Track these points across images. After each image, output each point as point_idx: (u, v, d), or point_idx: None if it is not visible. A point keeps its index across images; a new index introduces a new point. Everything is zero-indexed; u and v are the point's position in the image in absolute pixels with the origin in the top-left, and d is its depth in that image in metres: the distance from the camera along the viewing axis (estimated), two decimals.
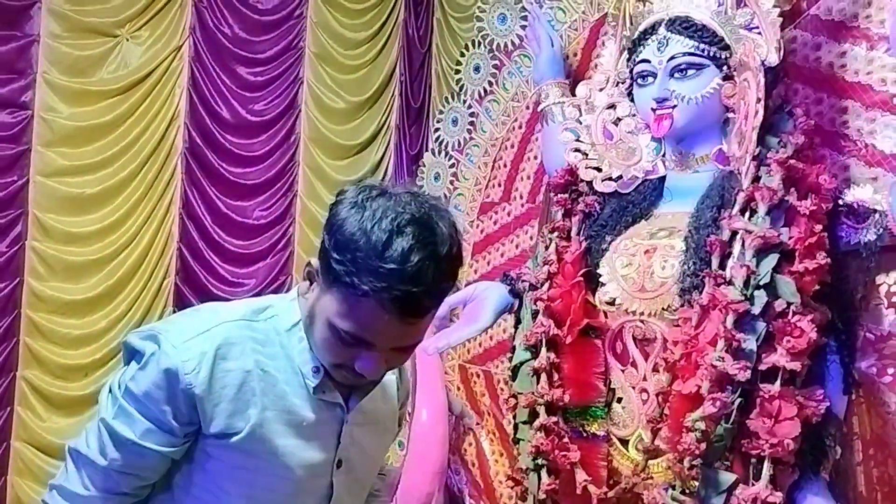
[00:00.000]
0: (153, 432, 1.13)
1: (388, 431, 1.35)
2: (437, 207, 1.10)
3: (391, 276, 1.02)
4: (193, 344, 1.12)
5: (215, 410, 1.13)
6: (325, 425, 1.20)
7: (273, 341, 1.17)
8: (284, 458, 1.17)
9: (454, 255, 1.08)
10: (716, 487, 1.62)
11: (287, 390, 1.17)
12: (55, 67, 3.27)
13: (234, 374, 1.14)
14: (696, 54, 1.85)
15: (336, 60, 3.72)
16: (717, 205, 1.79)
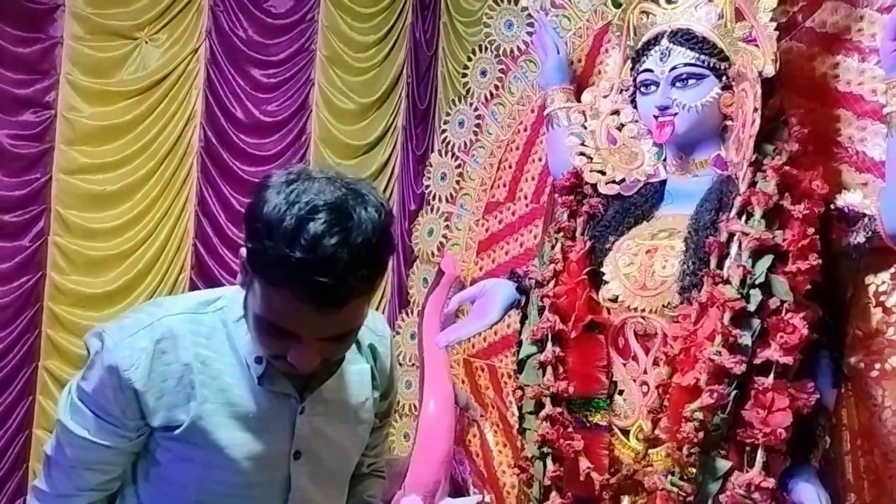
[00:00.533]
0: (106, 428, 1.11)
1: (362, 422, 1.26)
2: (358, 191, 1.00)
3: (301, 265, 0.94)
4: (134, 340, 1.09)
5: (157, 404, 1.10)
6: (276, 417, 1.15)
7: (219, 333, 1.13)
8: (229, 450, 1.12)
9: (373, 242, 0.97)
10: (713, 474, 1.65)
11: (231, 382, 1.12)
12: (77, 68, 3.27)
13: (173, 368, 1.10)
14: (696, 65, 1.86)
15: (346, 63, 3.71)
16: (715, 208, 1.81)
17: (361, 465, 1.39)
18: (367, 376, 1.26)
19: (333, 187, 0.98)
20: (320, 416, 1.18)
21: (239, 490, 1.14)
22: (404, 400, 3.32)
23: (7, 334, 3.16)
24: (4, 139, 3.16)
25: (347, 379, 1.22)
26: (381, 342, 1.29)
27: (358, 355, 1.25)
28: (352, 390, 1.23)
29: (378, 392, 1.29)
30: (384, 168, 3.80)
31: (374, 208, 0.99)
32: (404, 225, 3.67)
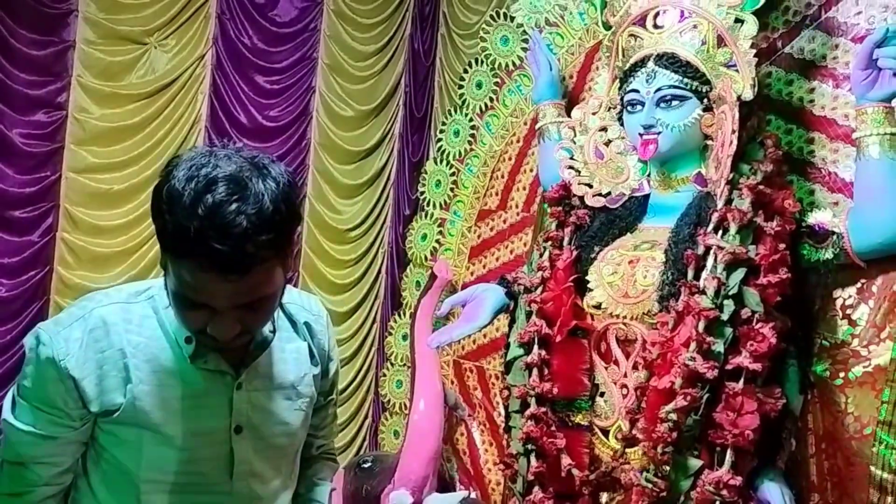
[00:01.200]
0: (49, 420, 1.13)
1: (302, 396, 1.26)
2: (258, 164, 1.02)
3: (200, 235, 0.95)
4: (68, 331, 1.12)
5: (94, 390, 1.11)
6: (213, 394, 1.16)
7: (150, 320, 1.14)
8: (167, 427, 1.13)
9: (270, 209, 0.98)
10: (685, 472, 1.68)
11: (165, 365, 1.14)
12: (89, 71, 3.29)
13: (107, 354, 1.12)
14: (680, 87, 1.90)
15: (346, 71, 3.73)
16: (694, 222, 1.85)
17: (311, 447, 1.41)
18: (305, 353, 1.28)
19: (232, 161, 1.00)
20: (259, 392, 1.20)
21: (183, 466, 1.15)
22: (395, 399, 3.35)
23: (14, 326, 3.17)
24: (17, 138, 3.18)
25: (284, 356, 1.24)
26: (317, 321, 1.32)
27: (293, 333, 1.27)
28: (289, 366, 1.24)
29: (317, 368, 1.30)
30: (381, 173, 3.83)
31: (272, 179, 1.01)
32: (399, 229, 3.69)
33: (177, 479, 1.16)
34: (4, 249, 3.20)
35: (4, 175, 3.18)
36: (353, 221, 3.79)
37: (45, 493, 1.19)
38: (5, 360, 3.17)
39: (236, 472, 1.19)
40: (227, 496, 1.19)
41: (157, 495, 1.16)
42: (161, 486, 1.16)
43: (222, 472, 1.19)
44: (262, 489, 1.23)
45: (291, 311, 1.29)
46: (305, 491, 1.41)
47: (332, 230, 3.76)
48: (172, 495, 1.17)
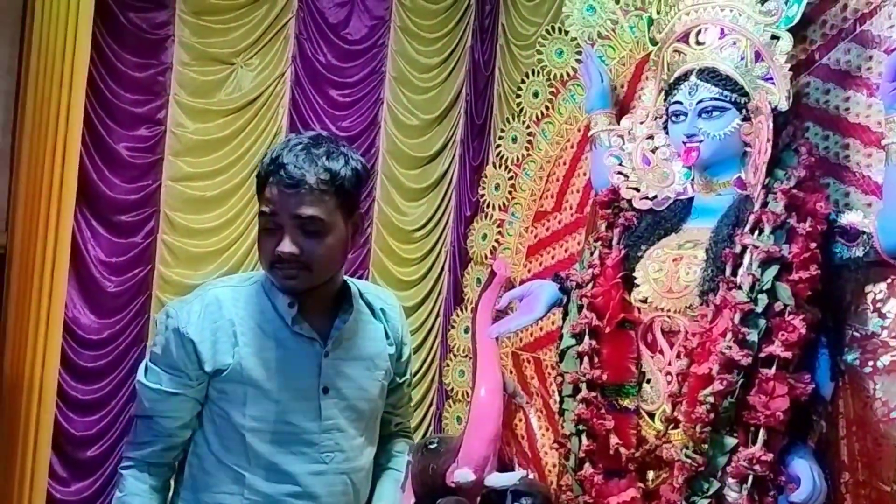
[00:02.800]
0: (174, 380, 1.31)
1: (379, 368, 1.41)
2: (334, 140, 1.30)
3: (274, 157, 1.26)
4: (189, 306, 1.32)
5: (209, 352, 1.29)
6: (305, 358, 1.32)
7: (260, 297, 1.33)
8: (266, 383, 1.30)
9: (333, 155, 1.26)
10: (721, 449, 1.75)
11: (267, 332, 1.31)
12: (184, 90, 3.40)
13: (219, 324, 1.30)
14: (720, 99, 1.96)
15: (411, 83, 3.77)
16: (733, 223, 1.91)
17: (389, 423, 1.55)
18: (382, 333, 1.45)
19: (318, 134, 1.31)
20: (343, 361, 1.36)
21: (280, 417, 1.31)
22: (458, 387, 3.38)
23: (121, 318, 3.34)
24: (123, 150, 3.34)
25: (365, 333, 1.41)
26: (392, 309, 1.49)
27: (372, 317, 1.44)
28: (368, 342, 1.41)
29: (392, 349, 1.46)
30: (443, 178, 3.86)
31: (345, 147, 1.30)
32: (460, 229, 3.71)
33: (275, 429, 1.31)
34: (112, 250, 3.35)
35: (112, 184, 3.33)
36: (418, 223, 3.83)
37: (169, 443, 1.36)
38: (114, 348, 3.34)
39: (323, 425, 1.34)
40: (316, 446, 1.34)
41: (260, 443, 1.31)
42: (262, 435, 1.31)
43: (312, 425, 1.34)
44: (346, 443, 1.37)
45: (369, 299, 1.46)
46: (385, 461, 1.53)
47: (398, 231, 3.81)
48: (272, 444, 1.32)
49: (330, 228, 1.29)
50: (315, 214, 1.26)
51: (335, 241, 1.30)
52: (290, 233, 1.27)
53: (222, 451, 1.34)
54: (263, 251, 1.30)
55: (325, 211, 1.28)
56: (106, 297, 3.34)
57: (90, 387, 3.30)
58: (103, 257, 3.34)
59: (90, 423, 3.29)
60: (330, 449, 1.36)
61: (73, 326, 3.24)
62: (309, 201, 1.26)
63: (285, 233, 1.26)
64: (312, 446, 1.34)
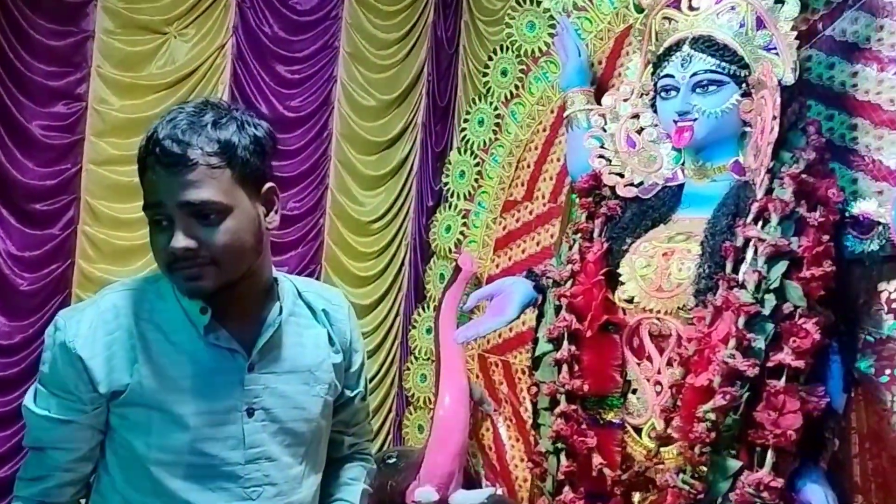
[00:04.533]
0: (64, 405, 1.18)
1: (320, 382, 1.29)
2: (225, 105, 1.17)
3: (155, 136, 1.11)
4: (80, 315, 1.18)
5: (101, 370, 1.16)
6: (223, 374, 1.19)
7: (164, 301, 1.19)
8: (175, 407, 1.17)
9: (217, 120, 1.12)
10: (723, 473, 1.67)
11: (176, 344, 1.18)
12: (108, 62, 3.28)
13: (115, 336, 1.17)
14: (717, 72, 1.88)
15: (368, 60, 3.71)
16: (732, 213, 1.83)
17: (342, 444, 1.42)
18: (324, 339, 1.31)
19: (203, 101, 1.17)
20: (273, 374, 1.23)
21: (193, 447, 1.18)
22: (419, 393, 3.37)
23: (36, 320, 3.18)
24: (37, 129, 3.18)
25: (302, 340, 1.28)
26: (337, 310, 1.35)
27: (313, 320, 1.31)
28: (307, 350, 1.28)
29: (339, 357, 1.33)
30: (403, 164, 3.81)
31: (239, 111, 1.16)
32: (422, 221, 3.68)
33: (188, 461, 1.18)
34: (26, 243, 3.20)
35: (25, 168, 3.17)
36: (375, 213, 3.77)
37: (64, 479, 1.23)
38: (28, 353, 3.17)
39: (248, 454, 1.21)
40: (240, 479, 1.20)
41: (170, 478, 1.18)
42: (172, 469, 1.18)
43: (234, 455, 1.20)
44: (278, 474, 1.23)
45: (309, 299, 1.32)
46: (334, 490, 1.41)
47: (354, 222, 3.74)
48: (185, 480, 1.18)
49: (229, 210, 1.14)
50: (207, 199, 1.11)
51: (240, 224, 1.15)
52: (182, 224, 1.12)
53: (128, 489, 1.21)
54: (156, 252, 1.16)
55: (220, 190, 1.12)
56: (18, 297, 3.18)
57: (2, 398, 3.14)
58: (15, 251, 3.18)
59: (2, 440, 3.13)
60: (257, 482, 1.22)
61: None
62: (196, 182, 1.11)
63: (175, 226, 1.12)
64: (235, 480, 1.20)
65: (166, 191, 1.10)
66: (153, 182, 1.12)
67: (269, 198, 1.20)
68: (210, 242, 1.12)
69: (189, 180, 1.10)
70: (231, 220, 1.13)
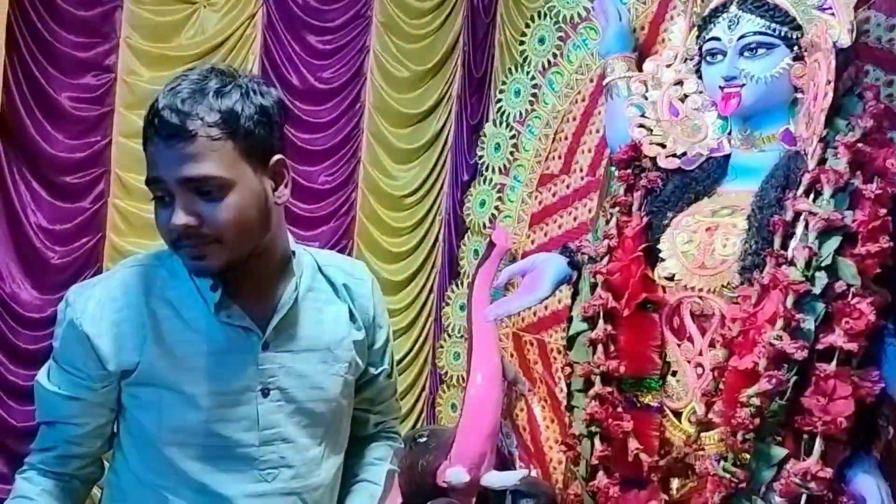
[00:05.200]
0: (72, 381, 1.17)
1: (340, 360, 1.26)
2: (231, 72, 1.11)
3: (156, 105, 1.07)
4: (90, 291, 1.17)
5: (109, 349, 1.14)
6: (237, 353, 1.17)
7: (177, 279, 1.17)
8: (186, 387, 1.15)
9: (220, 88, 1.07)
10: (767, 461, 1.63)
11: (188, 322, 1.16)
12: (137, 32, 3.29)
13: (124, 314, 1.15)
14: (766, 34, 1.83)
15: (402, 29, 3.66)
16: (781, 185, 1.78)
17: (366, 423, 1.40)
18: (345, 315, 1.28)
19: (208, 68, 1.12)
20: (289, 353, 1.20)
21: (207, 428, 1.16)
22: (452, 371, 3.36)
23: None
24: (66, 101, 3.19)
25: (321, 317, 1.24)
26: (360, 284, 1.31)
27: (333, 296, 1.27)
28: (326, 327, 1.25)
29: (360, 334, 1.30)
30: (437, 137, 3.77)
31: (246, 78, 1.12)
32: (456, 195, 3.64)
33: (202, 442, 1.17)
34: (56, 216, 3.23)
35: (54, 140, 3.19)
36: (408, 187, 3.74)
37: (72, 451, 1.22)
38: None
39: (263, 436, 1.18)
40: (255, 461, 1.18)
41: (184, 459, 1.17)
42: (186, 450, 1.17)
43: (249, 436, 1.18)
44: (295, 456, 1.21)
45: (329, 274, 1.29)
46: (359, 470, 1.39)
47: (386, 197, 3.72)
48: (199, 461, 1.17)
49: (232, 185, 1.09)
50: (207, 173, 1.07)
51: (244, 200, 1.11)
52: (182, 200, 1.08)
53: (142, 468, 1.20)
54: (160, 228, 1.13)
55: (221, 164, 1.08)
56: (49, 270, 3.23)
57: (32, 372, 3.10)
58: (45, 224, 3.23)
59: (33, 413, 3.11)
60: (273, 465, 1.20)
61: (11, 303, 3.14)
62: (196, 155, 1.06)
63: (176, 202, 1.08)
64: (250, 462, 1.19)
65: (165, 165, 1.07)
66: (153, 155, 1.08)
67: (278, 171, 1.16)
68: (212, 219, 1.09)
69: (188, 153, 1.06)
70: (234, 196, 1.09)
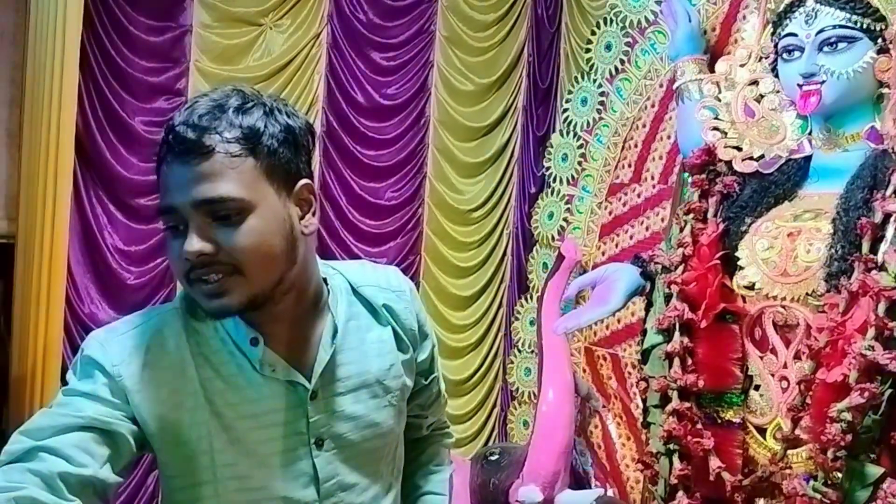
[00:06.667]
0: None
1: (391, 391, 1.17)
2: (256, 91, 1.04)
3: (173, 124, 0.99)
4: (125, 340, 1.03)
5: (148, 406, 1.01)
6: (284, 410, 1.07)
7: (213, 324, 1.06)
8: (231, 451, 1.04)
9: (242, 105, 1.00)
10: (861, 480, 1.56)
11: (226, 378, 1.05)
12: (206, 56, 3.36)
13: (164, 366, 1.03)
14: (847, 27, 1.77)
15: (465, 43, 3.69)
16: (868, 185, 1.71)
17: (420, 428, 1.33)
18: (390, 340, 1.18)
19: (229, 87, 1.04)
20: (338, 396, 1.11)
21: (268, 493, 1.07)
22: (523, 387, 3.35)
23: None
24: (139, 125, 3.28)
25: (365, 348, 1.15)
26: (399, 298, 1.21)
27: (373, 321, 1.17)
28: (371, 359, 1.15)
29: (408, 354, 1.21)
30: (504, 150, 3.78)
31: (271, 98, 1.04)
32: (524, 208, 3.65)
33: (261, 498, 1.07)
34: (132, 237, 3.31)
35: (129, 164, 3.27)
36: (475, 201, 3.75)
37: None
38: None
39: (323, 490, 1.09)
40: None
41: None
42: None
43: (309, 495, 1.09)
44: (357, 500, 1.13)
45: (367, 295, 1.18)
46: (422, 482, 1.34)
47: (453, 211, 3.74)
48: None
49: (252, 208, 0.98)
50: (225, 194, 0.97)
51: (266, 224, 1.00)
52: (196, 225, 0.97)
53: None
54: (173, 262, 1.02)
55: (241, 184, 0.98)
56: (125, 290, 3.31)
57: None
58: (121, 246, 3.30)
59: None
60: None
61: (89, 323, 3.17)
62: (213, 175, 0.96)
63: (189, 228, 0.97)
64: None
65: (179, 189, 0.97)
66: (166, 177, 0.99)
67: (305, 197, 1.05)
68: (230, 245, 0.98)
69: (204, 173, 0.96)
70: (254, 219, 0.99)
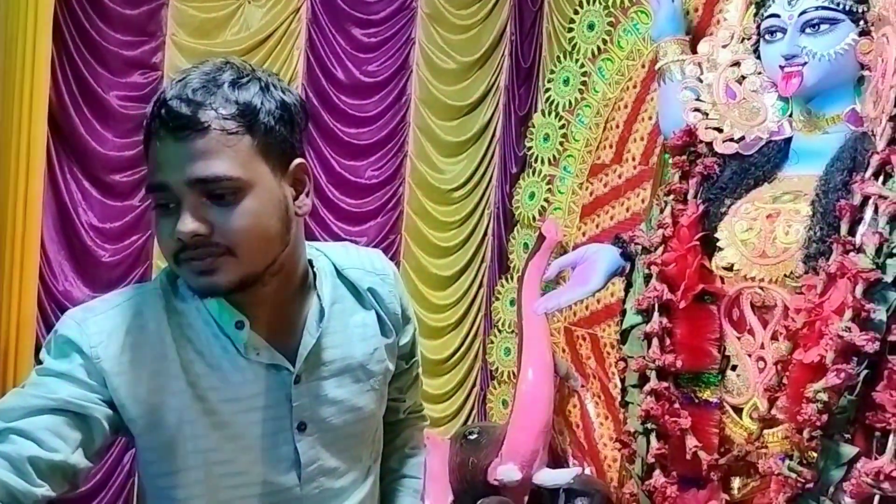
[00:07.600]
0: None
1: (374, 375, 1.16)
2: (248, 66, 1.01)
3: (164, 97, 0.96)
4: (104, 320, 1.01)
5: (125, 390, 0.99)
6: (267, 393, 1.05)
7: (197, 305, 1.03)
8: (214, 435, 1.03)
9: (236, 80, 0.97)
10: (836, 459, 1.58)
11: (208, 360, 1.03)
12: (182, 29, 3.30)
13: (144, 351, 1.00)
14: (829, 8, 1.77)
15: (447, 20, 3.64)
16: (847, 168, 1.72)
17: (397, 411, 1.33)
18: (373, 324, 1.17)
19: (222, 60, 1.02)
20: (321, 381, 1.09)
21: (249, 477, 1.06)
22: (503, 367, 3.36)
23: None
24: (114, 100, 3.22)
25: (348, 332, 1.13)
26: (383, 282, 1.19)
27: (357, 304, 1.16)
28: (355, 343, 1.14)
29: (391, 338, 1.20)
30: (485, 130, 3.74)
31: (265, 73, 1.02)
32: (505, 188, 3.63)
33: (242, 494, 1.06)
34: (106, 214, 3.26)
35: (104, 139, 3.22)
36: (456, 181, 3.72)
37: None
38: None
39: (305, 474, 1.08)
40: (299, 502, 1.09)
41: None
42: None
43: (290, 479, 1.08)
44: (337, 484, 1.12)
45: (352, 278, 1.16)
46: (398, 465, 1.34)
47: (434, 190, 3.71)
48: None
49: (248, 188, 0.96)
50: (221, 173, 0.94)
51: (262, 205, 0.98)
52: (190, 204, 0.94)
53: None
54: (162, 242, 0.99)
55: (237, 162, 0.95)
56: (101, 268, 3.25)
57: None
58: (96, 223, 3.25)
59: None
60: (316, 501, 1.10)
61: (64, 301, 3.14)
62: (208, 153, 0.94)
63: (183, 207, 0.95)
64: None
65: (172, 166, 0.94)
66: (157, 153, 0.95)
67: (299, 177, 1.03)
68: (225, 227, 0.95)
69: (199, 150, 0.93)
70: (251, 200, 0.96)
